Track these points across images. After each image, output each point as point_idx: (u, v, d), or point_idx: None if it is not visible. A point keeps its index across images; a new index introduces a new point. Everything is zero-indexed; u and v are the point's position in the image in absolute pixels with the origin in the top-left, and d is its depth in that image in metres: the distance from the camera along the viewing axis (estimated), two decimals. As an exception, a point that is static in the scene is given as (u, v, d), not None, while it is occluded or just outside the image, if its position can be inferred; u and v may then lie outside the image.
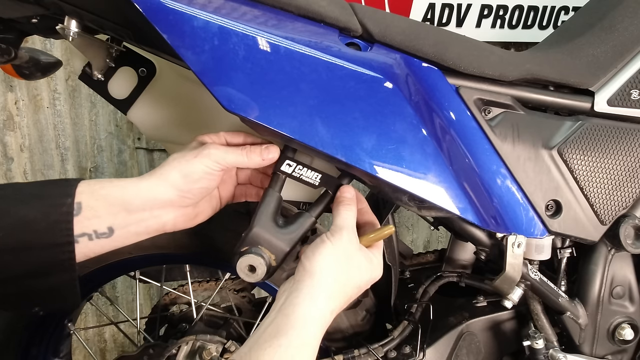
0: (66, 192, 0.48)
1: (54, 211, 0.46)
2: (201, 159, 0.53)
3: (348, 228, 0.56)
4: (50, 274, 0.47)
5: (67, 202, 0.47)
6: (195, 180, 0.53)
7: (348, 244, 0.55)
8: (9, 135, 1.50)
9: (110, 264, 0.74)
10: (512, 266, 0.67)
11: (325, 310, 0.51)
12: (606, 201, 0.68)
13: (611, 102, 0.67)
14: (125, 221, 0.50)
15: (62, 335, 0.86)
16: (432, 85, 0.59)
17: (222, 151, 0.54)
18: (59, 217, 0.46)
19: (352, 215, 0.58)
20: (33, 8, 0.55)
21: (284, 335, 0.46)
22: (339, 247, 0.53)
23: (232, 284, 0.99)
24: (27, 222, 0.45)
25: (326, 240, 0.54)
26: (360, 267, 0.55)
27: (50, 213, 0.46)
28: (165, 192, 0.52)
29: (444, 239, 1.82)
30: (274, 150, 0.57)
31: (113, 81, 0.69)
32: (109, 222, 0.50)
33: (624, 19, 0.72)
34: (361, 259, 0.56)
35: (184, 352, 0.77)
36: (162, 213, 0.53)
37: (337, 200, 0.59)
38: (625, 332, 0.76)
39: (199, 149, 0.54)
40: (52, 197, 0.47)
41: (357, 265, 0.55)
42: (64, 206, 0.47)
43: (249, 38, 0.52)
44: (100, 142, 1.55)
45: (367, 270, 0.56)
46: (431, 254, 1.02)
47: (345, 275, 0.53)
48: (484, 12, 1.50)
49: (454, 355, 0.77)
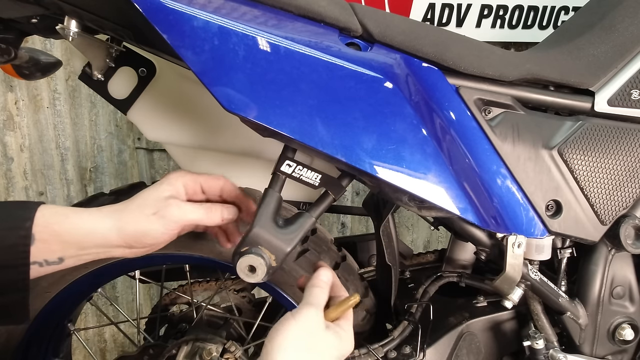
0: (25, 216, 0.49)
1: (12, 234, 0.48)
2: (159, 219, 0.53)
3: (316, 306, 0.53)
4: (3, 293, 0.48)
5: (25, 226, 0.48)
6: (148, 237, 0.54)
7: (314, 323, 0.52)
8: (9, 135, 1.50)
9: (110, 264, 0.74)
10: (512, 266, 0.67)
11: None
12: (606, 201, 0.68)
13: (611, 102, 0.67)
14: (75, 254, 0.52)
15: (62, 335, 0.86)
16: (432, 85, 0.59)
17: (183, 212, 0.54)
18: (17, 240, 0.48)
19: (323, 295, 0.56)
20: (33, 8, 0.55)
21: None
22: (303, 327, 0.51)
23: (232, 284, 0.99)
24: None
25: (290, 318, 0.51)
26: (328, 346, 0.53)
27: (9, 236, 0.48)
28: (115, 239, 0.53)
29: (444, 239, 1.82)
30: (233, 212, 0.59)
31: (113, 81, 0.69)
32: (59, 254, 0.51)
33: (624, 19, 0.72)
34: (329, 338, 0.53)
35: (184, 352, 0.77)
36: (111, 251, 0.54)
37: (312, 281, 0.58)
38: (625, 332, 0.76)
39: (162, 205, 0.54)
40: (11, 220, 0.48)
41: (325, 346, 0.52)
42: (22, 229, 0.48)
43: (249, 38, 0.52)
44: (100, 142, 1.55)
45: (336, 348, 0.53)
46: (431, 254, 1.02)
47: (306, 354, 0.50)
48: (484, 12, 1.50)
49: (454, 355, 0.77)
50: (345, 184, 0.61)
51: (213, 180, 0.59)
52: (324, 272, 0.59)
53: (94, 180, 1.58)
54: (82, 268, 0.73)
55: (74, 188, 1.57)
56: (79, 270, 0.73)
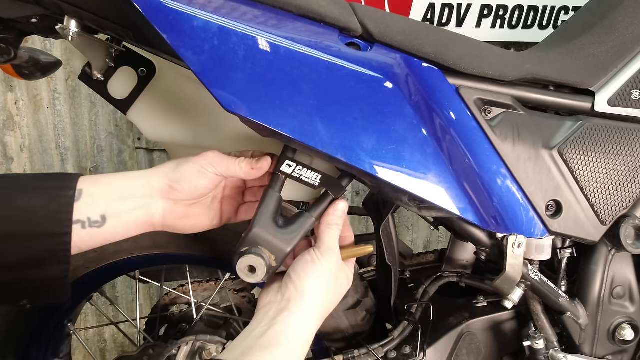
0: (68, 185, 0.49)
1: (55, 202, 0.47)
2: (196, 159, 0.55)
3: (336, 250, 0.59)
4: (44, 264, 0.47)
5: (68, 194, 0.48)
6: (187, 175, 0.54)
7: (335, 266, 0.58)
8: (9, 135, 1.50)
9: (110, 264, 0.74)
10: (512, 266, 0.67)
11: (313, 329, 0.55)
12: (606, 201, 0.68)
13: (612, 102, 0.67)
14: (117, 209, 0.52)
15: (62, 335, 0.86)
16: (432, 85, 0.59)
17: (218, 156, 0.56)
18: (59, 208, 0.47)
19: (338, 235, 0.60)
20: (33, 8, 0.55)
21: (275, 347, 0.50)
22: (328, 270, 0.57)
23: (232, 284, 0.99)
24: (27, 212, 0.46)
25: (316, 260, 0.57)
26: (341, 286, 0.60)
27: (51, 204, 0.47)
28: (156, 180, 0.54)
29: (444, 239, 1.82)
30: (265, 161, 0.58)
31: (113, 81, 0.69)
32: (102, 210, 0.51)
33: (624, 19, 0.72)
34: (342, 277, 0.60)
35: (184, 352, 0.77)
36: (152, 203, 0.54)
37: (328, 219, 0.60)
38: (625, 333, 0.76)
39: (197, 155, 0.56)
40: (53, 189, 0.48)
41: (340, 285, 0.60)
42: (65, 197, 0.48)
43: (248, 38, 0.52)
44: (100, 142, 1.55)
45: (345, 286, 0.61)
46: (431, 254, 1.02)
47: (331, 296, 0.58)
48: (484, 12, 1.50)
49: (454, 355, 0.77)
50: (345, 184, 0.61)
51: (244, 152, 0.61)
52: (341, 206, 0.60)
53: (94, 180, 1.57)
54: (82, 268, 0.73)
55: (74, 188, 1.57)
56: (79, 270, 0.73)
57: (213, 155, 0.56)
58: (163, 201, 0.55)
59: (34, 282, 0.48)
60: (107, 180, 0.52)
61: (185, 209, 0.57)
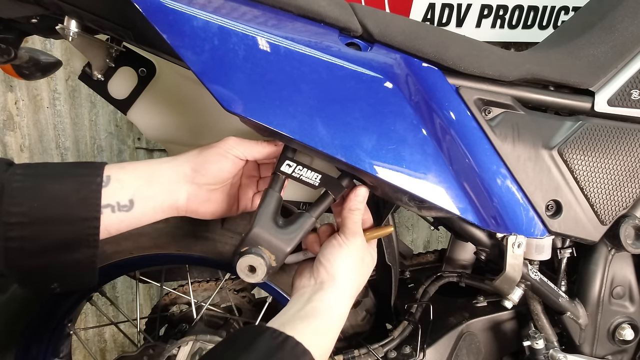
0: (95, 172, 0.51)
1: (84, 188, 0.50)
2: (219, 144, 0.58)
3: (360, 233, 0.61)
4: (74, 248, 0.49)
5: (96, 181, 0.50)
6: (211, 159, 0.57)
7: (361, 247, 0.61)
8: (9, 135, 1.50)
9: (110, 264, 0.74)
10: (512, 266, 0.67)
11: (347, 304, 0.59)
12: (606, 201, 0.68)
13: (611, 102, 0.67)
14: (145, 194, 0.54)
15: (62, 335, 0.86)
16: (432, 85, 0.59)
17: (239, 140, 0.58)
18: (88, 194, 0.50)
19: (360, 219, 0.62)
20: (33, 8, 0.55)
21: (315, 318, 0.53)
22: (354, 252, 0.60)
23: (232, 284, 0.99)
24: (59, 197, 0.48)
25: (343, 244, 0.59)
26: (368, 265, 0.63)
27: (80, 190, 0.49)
28: (181, 165, 0.56)
29: (444, 239, 1.82)
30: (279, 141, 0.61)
31: (113, 81, 0.69)
32: (130, 194, 0.53)
33: (624, 19, 0.72)
34: (368, 258, 0.63)
35: (184, 352, 0.77)
36: (177, 188, 0.56)
37: (350, 205, 0.61)
38: (625, 332, 0.76)
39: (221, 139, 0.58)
40: (82, 176, 0.51)
41: (366, 264, 0.62)
42: (93, 184, 0.50)
43: (248, 38, 0.52)
44: (100, 142, 1.55)
45: (371, 265, 0.64)
46: (431, 254, 1.02)
47: (359, 275, 0.61)
48: (484, 12, 1.50)
49: (454, 355, 0.77)
50: (345, 184, 0.61)
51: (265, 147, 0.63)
52: (361, 192, 0.62)
53: (94, 180, 1.58)
54: (82, 268, 0.73)
55: (74, 188, 1.57)
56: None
57: (234, 139, 0.58)
58: (187, 185, 0.57)
59: (64, 265, 0.50)
60: (134, 167, 0.54)
61: (207, 194, 0.58)
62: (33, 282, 0.52)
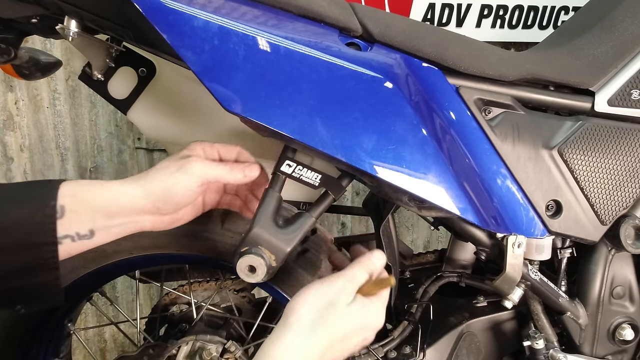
0: (49, 195, 0.49)
1: (38, 213, 0.48)
2: (182, 175, 0.53)
3: (350, 280, 0.54)
4: (34, 273, 0.48)
5: (50, 204, 0.48)
6: (173, 194, 0.53)
7: (339, 294, 0.53)
8: (9, 135, 1.50)
9: (110, 264, 0.74)
10: (512, 266, 0.67)
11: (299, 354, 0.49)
12: (606, 201, 0.68)
13: (611, 102, 0.67)
14: (105, 224, 0.52)
15: (62, 335, 0.86)
16: (432, 85, 0.59)
17: (205, 166, 0.54)
18: (42, 219, 0.48)
19: (361, 273, 0.56)
20: (33, 8, 0.55)
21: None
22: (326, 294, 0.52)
23: (232, 284, 0.99)
24: (12, 223, 0.47)
25: (317, 284, 0.54)
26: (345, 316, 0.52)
27: (35, 215, 0.47)
28: (143, 203, 0.52)
29: (444, 239, 1.82)
30: (256, 169, 0.58)
31: (113, 81, 0.69)
32: (90, 226, 0.51)
33: (624, 19, 0.72)
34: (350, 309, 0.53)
35: (184, 352, 0.77)
36: (140, 219, 0.54)
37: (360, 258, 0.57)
38: (625, 332, 0.76)
39: (184, 162, 0.54)
40: (36, 199, 0.48)
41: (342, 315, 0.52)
42: (47, 207, 0.48)
43: (249, 38, 0.52)
44: (100, 142, 1.55)
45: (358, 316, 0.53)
46: (431, 254, 1.02)
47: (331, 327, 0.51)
48: (484, 12, 1.50)
49: (454, 355, 0.77)
50: (345, 184, 0.61)
51: (229, 147, 0.59)
52: (377, 256, 0.58)
53: (94, 180, 1.58)
54: (82, 268, 0.73)
55: (74, 188, 1.57)
56: (79, 270, 0.73)
57: (199, 167, 0.53)
58: (151, 216, 0.54)
59: (27, 289, 0.49)
60: (88, 197, 0.50)
61: (173, 216, 0.57)
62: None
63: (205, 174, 0.54)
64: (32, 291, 0.49)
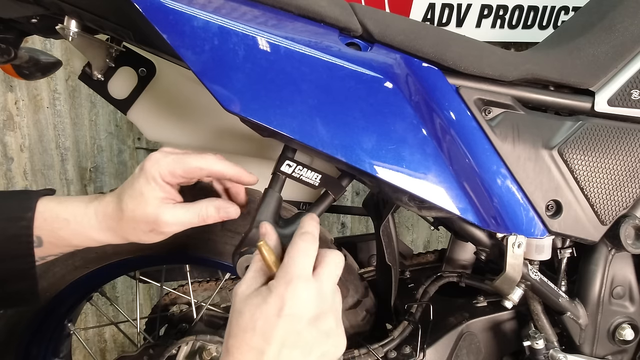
0: (26, 206, 0.48)
1: (13, 225, 0.47)
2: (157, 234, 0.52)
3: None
4: (9, 282, 0.49)
5: (26, 217, 0.48)
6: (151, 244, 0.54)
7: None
8: (9, 135, 1.50)
9: (110, 264, 0.74)
10: (512, 266, 0.67)
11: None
12: (606, 201, 0.68)
13: (611, 102, 0.67)
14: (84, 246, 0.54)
15: (62, 335, 0.86)
16: (432, 85, 0.59)
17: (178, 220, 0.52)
18: (18, 231, 0.47)
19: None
20: (33, 8, 0.55)
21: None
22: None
23: (232, 284, 0.99)
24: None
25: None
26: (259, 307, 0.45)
27: (9, 227, 0.47)
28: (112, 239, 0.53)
29: (444, 239, 1.82)
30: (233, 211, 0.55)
31: (113, 81, 0.69)
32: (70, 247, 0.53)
33: (624, 19, 0.72)
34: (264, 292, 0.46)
35: (184, 352, 0.77)
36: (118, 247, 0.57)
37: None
38: (625, 332, 0.76)
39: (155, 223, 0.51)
40: (10, 211, 0.48)
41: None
42: (24, 220, 0.48)
43: (249, 38, 0.52)
44: (100, 142, 1.55)
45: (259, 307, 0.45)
46: (431, 254, 1.02)
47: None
48: (484, 12, 1.50)
49: (454, 355, 0.77)
50: (345, 184, 0.61)
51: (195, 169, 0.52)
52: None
53: (94, 180, 1.58)
54: (82, 268, 0.73)
55: (74, 188, 1.57)
56: (79, 270, 0.73)
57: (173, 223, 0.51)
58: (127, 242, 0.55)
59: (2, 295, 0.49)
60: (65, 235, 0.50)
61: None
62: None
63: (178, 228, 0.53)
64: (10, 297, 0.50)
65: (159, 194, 0.51)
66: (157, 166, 0.51)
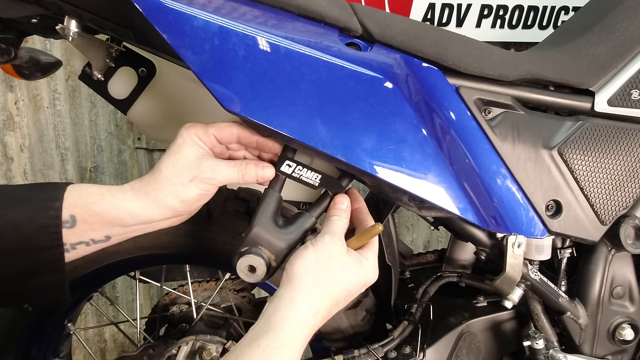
0: (54, 196, 0.48)
1: (42, 215, 0.47)
2: (197, 184, 0.52)
3: (333, 233, 0.56)
4: (38, 274, 0.48)
5: (55, 206, 0.47)
6: (190, 204, 0.54)
7: (331, 248, 0.54)
8: (9, 135, 1.50)
9: (110, 264, 0.74)
10: (512, 266, 0.67)
11: (307, 313, 0.50)
12: (606, 201, 0.68)
13: (611, 102, 0.67)
14: (121, 231, 0.52)
15: (62, 335, 0.86)
16: (432, 85, 0.59)
17: (219, 172, 0.53)
18: (46, 221, 0.47)
19: (341, 223, 0.58)
20: (33, 8, 0.55)
21: (263, 337, 0.47)
22: (321, 251, 0.53)
23: (232, 284, 0.99)
24: (14, 226, 0.46)
25: (309, 245, 0.54)
26: (345, 269, 0.54)
27: (38, 217, 0.47)
28: (162, 214, 0.53)
29: (444, 239, 1.82)
30: (269, 172, 0.57)
31: (113, 81, 0.69)
32: (105, 233, 0.51)
33: (624, 19, 0.72)
34: (347, 261, 0.55)
35: (184, 352, 0.77)
36: (159, 224, 0.55)
37: (330, 210, 0.60)
38: (625, 332, 0.76)
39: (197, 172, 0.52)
40: (39, 201, 0.48)
41: (342, 267, 0.54)
42: (52, 210, 0.47)
43: (248, 38, 0.52)
44: (100, 142, 1.55)
45: (355, 271, 0.55)
46: (431, 254, 1.02)
47: (326, 277, 0.52)
48: (484, 12, 1.50)
49: (454, 355, 0.77)
50: (345, 184, 0.61)
51: (226, 129, 0.56)
52: (340, 200, 0.59)
53: (94, 180, 1.58)
54: (82, 268, 0.73)
55: (74, 188, 1.57)
56: (79, 270, 0.73)
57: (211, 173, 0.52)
58: (169, 221, 0.55)
59: (31, 290, 0.48)
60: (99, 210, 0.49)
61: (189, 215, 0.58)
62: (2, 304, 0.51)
63: (218, 180, 0.53)
64: (37, 292, 0.49)
65: (198, 148, 0.53)
66: (192, 127, 0.54)
